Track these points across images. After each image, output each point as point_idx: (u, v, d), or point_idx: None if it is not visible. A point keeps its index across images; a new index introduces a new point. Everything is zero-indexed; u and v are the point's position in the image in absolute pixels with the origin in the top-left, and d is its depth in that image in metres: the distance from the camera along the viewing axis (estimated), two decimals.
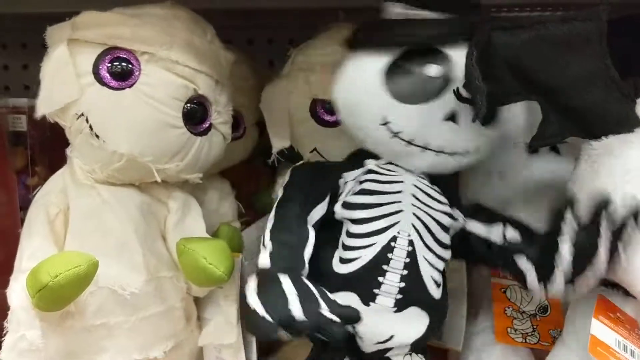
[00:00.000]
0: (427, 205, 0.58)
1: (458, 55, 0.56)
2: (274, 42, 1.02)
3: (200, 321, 0.67)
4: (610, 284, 0.57)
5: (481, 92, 0.51)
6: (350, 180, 0.60)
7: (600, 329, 0.54)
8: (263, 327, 0.48)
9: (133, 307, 0.59)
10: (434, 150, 0.57)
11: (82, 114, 0.58)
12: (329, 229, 0.59)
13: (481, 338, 0.72)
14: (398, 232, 0.56)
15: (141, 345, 0.60)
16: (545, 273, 0.55)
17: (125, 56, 0.58)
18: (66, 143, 0.63)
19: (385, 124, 0.57)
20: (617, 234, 0.51)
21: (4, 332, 0.57)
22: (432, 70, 0.56)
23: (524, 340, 0.70)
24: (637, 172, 0.52)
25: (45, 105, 0.58)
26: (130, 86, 0.58)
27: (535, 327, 0.70)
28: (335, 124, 0.69)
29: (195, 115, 0.61)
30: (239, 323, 0.64)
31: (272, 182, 0.82)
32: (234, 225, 0.74)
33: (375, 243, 0.56)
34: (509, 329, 0.70)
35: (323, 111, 0.69)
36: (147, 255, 0.60)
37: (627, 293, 0.56)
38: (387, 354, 0.59)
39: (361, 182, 0.59)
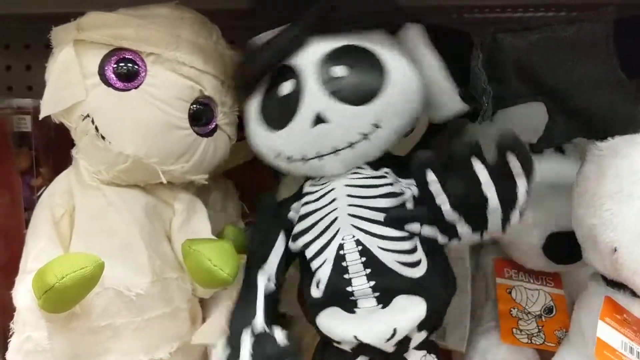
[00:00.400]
0: (363, 197, 0.57)
1: (304, 58, 0.56)
2: None
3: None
4: (617, 285, 0.57)
5: (487, 94, 0.51)
6: (298, 208, 0.60)
7: (607, 331, 0.54)
8: None
9: (138, 308, 0.59)
10: (329, 154, 0.56)
11: (88, 115, 0.58)
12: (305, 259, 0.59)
13: (486, 339, 0.72)
14: (342, 239, 0.56)
15: (147, 347, 0.60)
16: (451, 231, 0.55)
17: (131, 57, 0.58)
18: (71, 144, 0.63)
19: (278, 155, 0.58)
20: (504, 174, 0.51)
21: (10, 333, 0.57)
22: (284, 88, 0.56)
23: (529, 341, 0.70)
24: None
25: (50, 105, 0.58)
26: (136, 87, 0.58)
27: (540, 327, 0.70)
28: None
29: (201, 116, 0.61)
30: None
31: (277, 182, 0.82)
32: (239, 226, 0.74)
33: (326, 259, 0.56)
34: (514, 330, 0.70)
35: None
36: (153, 257, 0.60)
37: (634, 294, 0.56)
38: (405, 354, 0.59)
39: (300, 208, 0.59)
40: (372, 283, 0.55)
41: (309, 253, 0.57)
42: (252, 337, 0.56)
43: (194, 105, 0.60)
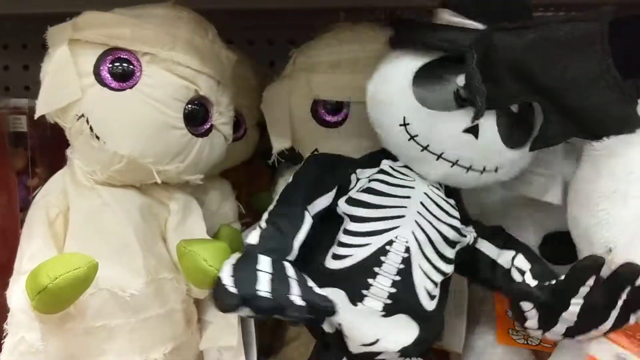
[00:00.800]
0: (433, 215, 0.57)
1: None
2: (274, 43, 1.02)
3: (201, 323, 0.67)
4: None
5: (481, 94, 0.51)
6: (363, 177, 0.59)
7: (599, 346, 0.54)
8: (225, 297, 0.48)
9: (133, 309, 0.58)
10: (449, 161, 0.56)
11: (83, 115, 0.58)
12: (330, 223, 0.58)
13: (482, 340, 0.72)
14: (396, 237, 0.56)
15: (141, 348, 0.59)
16: (547, 322, 0.54)
17: (126, 57, 0.58)
18: (66, 144, 0.63)
19: (404, 125, 0.56)
20: (633, 306, 0.51)
21: (4, 335, 0.56)
22: (461, 80, 0.55)
23: (525, 342, 0.69)
24: (639, 173, 0.52)
25: (45, 105, 0.58)
26: (131, 87, 0.58)
27: None
28: (337, 124, 0.69)
29: (197, 116, 0.61)
30: (240, 325, 0.64)
31: (273, 183, 0.82)
32: (235, 227, 0.74)
33: (370, 244, 0.56)
34: (510, 331, 0.70)
35: (324, 112, 0.69)
36: (148, 257, 0.60)
37: None
38: (379, 357, 0.58)
39: (370, 181, 0.58)
40: (393, 290, 0.55)
41: (355, 227, 0.57)
42: (272, 263, 0.52)
43: (189, 105, 0.60)
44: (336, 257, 0.56)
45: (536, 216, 0.69)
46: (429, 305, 0.57)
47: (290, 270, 0.52)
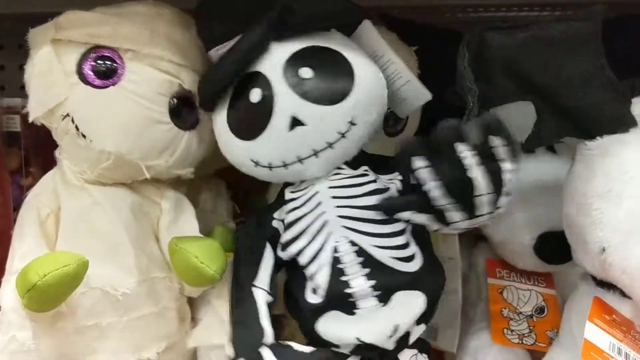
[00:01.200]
0: (348, 197, 0.57)
1: (268, 62, 0.55)
2: None
3: (195, 322, 0.66)
4: (606, 285, 0.57)
5: (473, 93, 0.50)
6: (282, 218, 0.60)
7: (595, 333, 0.54)
8: None
9: (125, 307, 0.58)
10: (310, 156, 0.55)
11: (68, 115, 0.58)
12: (296, 266, 0.59)
13: (477, 339, 0.72)
14: (336, 241, 0.56)
15: (134, 346, 0.59)
16: (441, 218, 0.53)
17: (108, 54, 0.58)
18: None
19: (256, 164, 0.57)
20: (490, 156, 0.50)
21: None
22: (254, 96, 0.55)
23: (520, 341, 0.69)
24: (634, 173, 0.52)
25: (37, 108, 0.58)
26: (114, 84, 0.57)
27: (531, 328, 0.70)
28: None
29: (182, 110, 0.60)
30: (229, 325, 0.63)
31: (268, 183, 0.82)
32: (229, 226, 0.73)
33: (322, 264, 0.56)
34: (505, 330, 0.70)
35: None
36: (139, 256, 0.60)
37: (623, 294, 0.56)
38: (407, 344, 0.58)
39: (286, 215, 0.59)
40: (373, 282, 0.55)
41: (303, 260, 0.57)
42: (270, 350, 0.56)
43: (174, 99, 0.60)
44: (312, 290, 0.57)
45: (531, 216, 0.69)
46: (410, 267, 0.56)
47: (268, 356, 0.56)
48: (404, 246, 0.56)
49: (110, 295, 0.57)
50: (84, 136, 0.58)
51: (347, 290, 0.55)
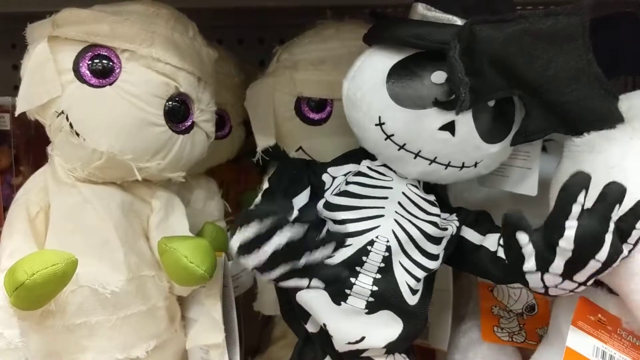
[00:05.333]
0: (412, 214, 0.57)
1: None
2: (264, 42, 1.02)
3: (185, 321, 0.67)
4: (594, 282, 0.57)
5: (464, 85, 0.50)
6: (338, 175, 0.60)
7: (578, 338, 0.54)
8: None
9: (114, 306, 0.58)
10: (426, 159, 0.56)
11: (62, 112, 0.57)
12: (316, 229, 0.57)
13: (468, 337, 0.72)
14: (376, 237, 0.56)
15: (123, 345, 0.59)
16: (545, 260, 0.51)
17: (106, 53, 0.58)
18: (50, 142, 0.63)
19: (380, 124, 0.56)
20: (624, 233, 0.50)
21: None
22: (436, 77, 0.54)
23: (510, 339, 0.69)
24: (620, 168, 0.52)
25: (25, 102, 0.58)
26: (110, 84, 0.57)
27: (522, 325, 0.70)
28: (320, 122, 0.69)
29: (177, 113, 0.61)
30: (223, 322, 0.63)
31: (261, 181, 0.82)
32: (220, 225, 0.74)
33: (351, 244, 0.56)
34: (495, 328, 0.70)
35: (308, 109, 0.69)
36: (129, 254, 0.60)
37: (610, 291, 0.56)
38: (365, 354, 0.58)
39: (347, 183, 0.58)
40: (375, 288, 0.55)
41: (340, 229, 0.57)
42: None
43: (170, 102, 0.60)
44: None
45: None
46: (412, 300, 0.57)
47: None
48: (418, 280, 0.57)
49: (99, 293, 0.57)
50: (77, 134, 0.58)
51: (352, 279, 0.55)
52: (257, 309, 0.76)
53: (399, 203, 0.58)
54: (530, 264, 0.52)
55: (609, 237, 0.48)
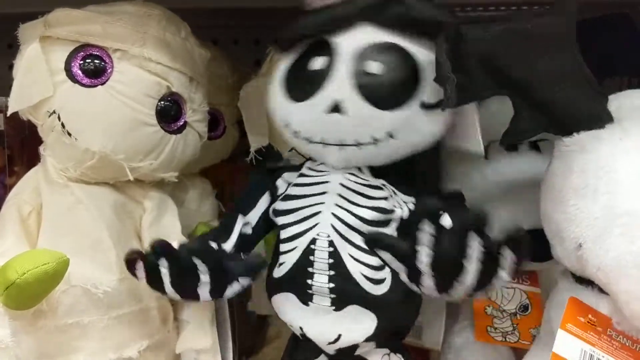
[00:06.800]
0: (352, 202, 0.56)
1: (345, 40, 0.54)
2: (260, 42, 1.02)
3: (178, 322, 0.67)
4: (585, 282, 0.57)
5: (451, 82, 0.50)
6: (293, 180, 0.60)
7: (565, 342, 0.53)
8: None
9: (107, 306, 0.59)
10: (334, 144, 0.55)
11: (54, 112, 0.58)
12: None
13: (461, 337, 0.72)
14: (317, 234, 0.56)
15: (115, 345, 0.60)
16: (412, 275, 0.53)
17: (97, 53, 0.58)
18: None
19: (286, 125, 0.57)
20: (496, 260, 0.49)
21: None
22: (315, 63, 0.54)
23: (503, 339, 0.69)
24: (609, 169, 0.52)
25: (17, 102, 0.58)
26: (102, 84, 0.58)
27: (515, 325, 0.70)
28: None
29: (169, 113, 0.61)
30: (214, 326, 0.64)
31: None
32: (212, 224, 0.74)
33: (296, 247, 0.56)
34: (488, 328, 0.70)
35: None
36: (121, 254, 0.59)
37: (601, 290, 0.55)
38: (358, 353, 0.58)
39: (288, 187, 0.59)
40: (332, 285, 0.55)
41: (284, 234, 0.57)
42: (216, 245, 0.57)
43: (162, 102, 0.60)
44: (278, 265, 0.58)
45: (514, 213, 0.68)
46: (376, 290, 0.55)
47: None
48: (378, 268, 0.55)
49: (92, 293, 0.58)
50: (69, 134, 0.58)
51: (308, 281, 0.55)
52: (252, 308, 0.76)
53: (339, 195, 0.57)
54: (403, 275, 0.54)
55: (471, 266, 0.48)
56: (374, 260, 0.55)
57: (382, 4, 0.54)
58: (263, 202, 0.60)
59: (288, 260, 0.56)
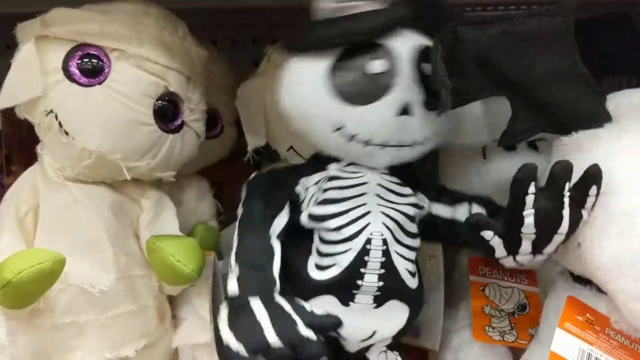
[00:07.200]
0: (391, 201, 0.58)
1: (400, 44, 0.55)
2: (258, 42, 1.02)
3: (175, 320, 0.66)
4: (583, 281, 0.57)
5: (446, 87, 0.50)
6: (311, 185, 0.59)
7: (563, 341, 0.54)
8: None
9: (103, 305, 0.58)
10: (394, 146, 0.56)
11: (52, 111, 0.58)
12: (300, 234, 0.59)
13: (459, 336, 0.72)
14: (371, 234, 0.56)
15: (113, 344, 0.59)
16: (513, 246, 0.55)
17: (95, 53, 0.58)
18: None
19: (339, 129, 0.55)
20: (580, 201, 0.51)
21: None
22: (375, 66, 0.54)
23: (501, 339, 0.69)
24: (607, 168, 0.52)
25: (6, 99, 0.58)
26: (100, 83, 0.58)
27: (513, 325, 0.70)
28: None
29: (167, 112, 0.61)
30: (212, 322, 0.63)
31: None
32: (211, 224, 0.74)
33: (350, 249, 0.56)
34: (486, 327, 0.70)
35: None
36: (118, 254, 0.60)
37: (599, 290, 0.55)
38: (366, 352, 0.59)
39: (324, 191, 0.58)
40: (381, 284, 0.56)
41: (331, 236, 0.57)
42: (285, 299, 0.54)
43: (159, 101, 0.60)
44: (321, 267, 0.57)
45: None
46: (413, 283, 0.58)
47: (284, 304, 0.53)
48: (414, 262, 0.58)
49: (88, 292, 0.57)
50: (66, 133, 0.58)
51: (359, 282, 0.56)
52: None
53: (377, 195, 0.58)
54: (500, 251, 0.55)
55: (566, 212, 0.51)
56: (413, 255, 0.58)
57: (422, 10, 0.55)
58: (284, 214, 0.58)
59: (340, 262, 0.56)
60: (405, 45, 0.55)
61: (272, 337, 0.49)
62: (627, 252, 0.49)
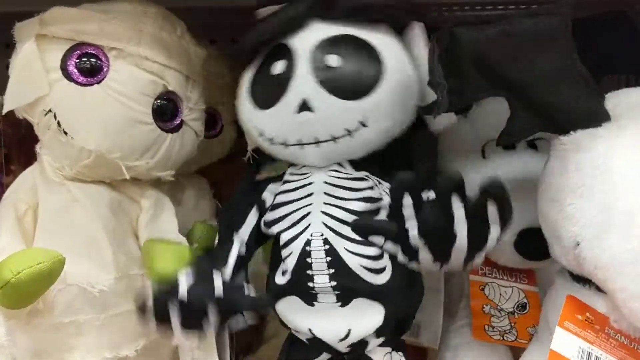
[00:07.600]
0: (339, 198, 0.56)
1: (300, 40, 0.55)
2: None
3: None
4: (582, 280, 0.57)
5: (442, 88, 0.50)
6: (275, 191, 0.60)
7: (563, 340, 0.54)
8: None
9: (103, 305, 0.59)
10: (310, 144, 0.55)
11: (50, 110, 0.58)
12: (276, 244, 0.59)
13: (459, 336, 0.72)
14: (311, 235, 0.55)
15: (112, 344, 0.59)
16: (407, 253, 0.55)
17: (93, 52, 0.58)
18: None
19: (261, 134, 0.57)
20: (481, 216, 0.51)
21: None
22: (277, 67, 0.55)
23: (501, 338, 0.69)
24: (606, 167, 0.52)
25: (13, 100, 0.58)
26: (98, 82, 0.58)
27: (513, 324, 0.70)
28: None
29: (166, 111, 0.61)
30: None
31: None
32: (210, 223, 0.73)
33: (291, 252, 0.56)
34: (486, 327, 0.70)
35: None
36: (117, 253, 0.60)
37: (598, 289, 0.55)
38: (366, 351, 0.58)
39: (276, 195, 0.59)
40: (334, 283, 0.55)
41: (282, 240, 0.57)
42: (221, 278, 0.55)
43: (158, 101, 0.60)
44: (281, 272, 0.57)
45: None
46: (377, 279, 0.55)
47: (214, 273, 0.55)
48: (376, 257, 0.55)
49: (88, 292, 0.58)
50: (65, 133, 0.58)
51: (310, 284, 0.55)
52: None
53: (325, 193, 0.57)
54: (400, 256, 0.55)
55: (460, 227, 0.50)
56: (371, 251, 0.55)
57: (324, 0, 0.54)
58: (252, 217, 0.60)
59: (288, 267, 0.56)
60: (306, 40, 0.54)
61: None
62: (626, 251, 0.49)
